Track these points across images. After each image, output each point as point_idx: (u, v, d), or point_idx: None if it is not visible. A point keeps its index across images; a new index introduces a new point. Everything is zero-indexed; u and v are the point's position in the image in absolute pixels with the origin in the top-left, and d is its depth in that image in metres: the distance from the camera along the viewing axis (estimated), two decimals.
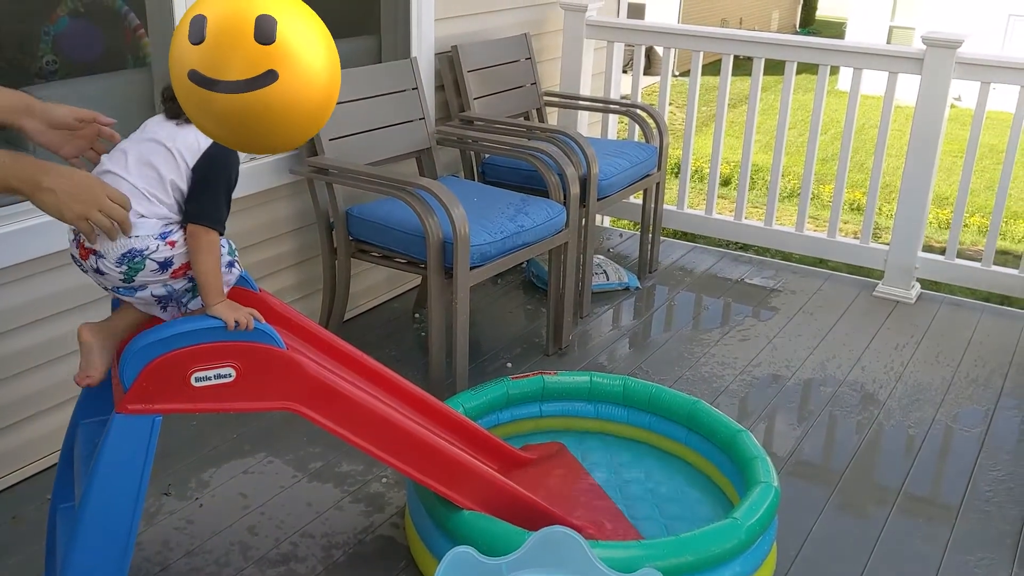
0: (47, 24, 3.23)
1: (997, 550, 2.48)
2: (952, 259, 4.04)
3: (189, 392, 1.80)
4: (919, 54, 3.78)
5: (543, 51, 4.35)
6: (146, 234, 1.81)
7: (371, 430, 1.99)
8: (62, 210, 1.66)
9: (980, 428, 3.06)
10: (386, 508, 2.56)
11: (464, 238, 2.83)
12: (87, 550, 1.79)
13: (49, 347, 2.60)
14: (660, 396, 2.67)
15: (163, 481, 2.60)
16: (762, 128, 12.32)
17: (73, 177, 1.68)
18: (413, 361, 3.36)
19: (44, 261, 2.52)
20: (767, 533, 2.21)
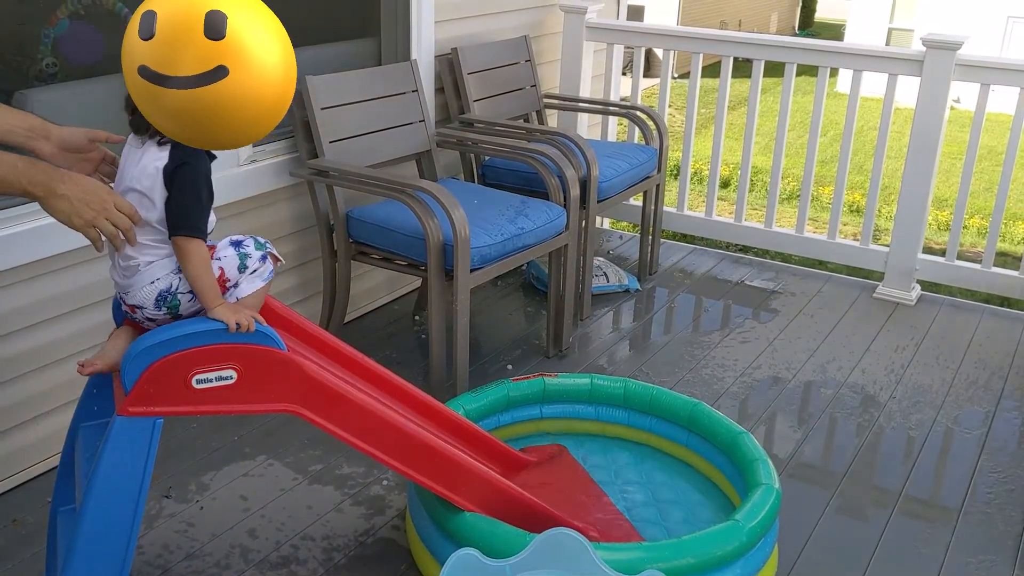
0: (47, 27, 3.23)
1: (998, 552, 2.48)
2: (952, 261, 4.04)
3: (190, 394, 1.79)
4: (919, 56, 3.78)
5: (543, 53, 4.35)
6: (164, 274, 1.82)
7: (372, 432, 1.99)
8: (72, 216, 1.68)
9: (981, 430, 3.06)
10: (387, 510, 2.55)
11: (464, 240, 2.83)
12: (88, 553, 1.79)
13: (50, 350, 2.60)
14: (661, 398, 2.66)
15: (163, 484, 2.60)
16: (761, 130, 12.32)
17: (85, 184, 1.70)
18: (413, 363, 3.35)
19: (44, 264, 2.52)
20: (768, 535, 2.21)
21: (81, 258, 2.57)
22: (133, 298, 1.84)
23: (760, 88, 4.22)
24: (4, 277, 2.45)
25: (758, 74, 4.20)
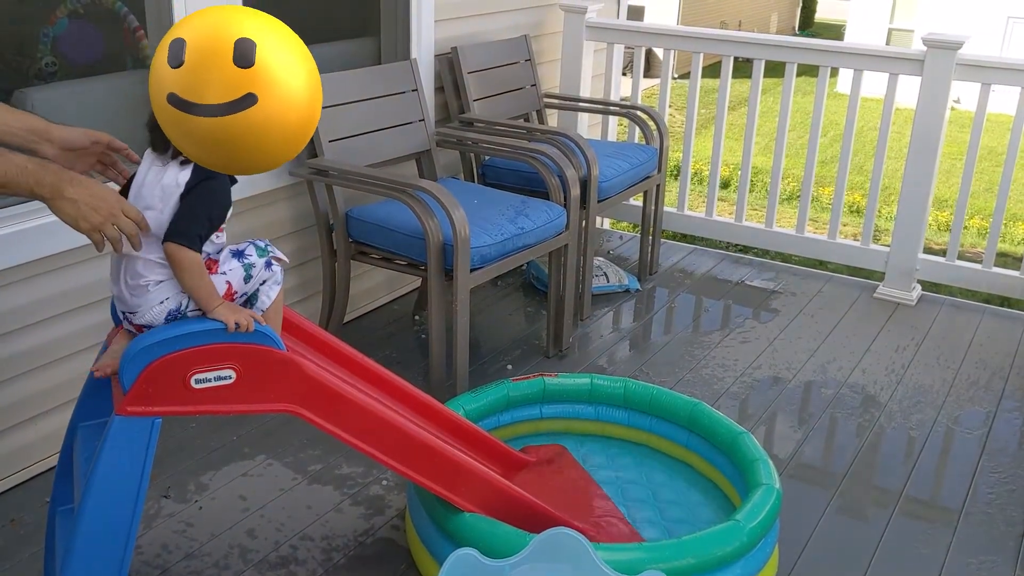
0: (46, 26, 3.23)
1: (999, 553, 2.47)
2: (953, 261, 4.04)
3: (189, 394, 1.79)
4: (920, 55, 3.77)
5: (543, 53, 4.34)
6: (173, 293, 1.81)
7: (371, 432, 1.98)
8: (79, 220, 1.67)
9: (981, 430, 3.05)
10: (386, 510, 2.55)
11: (464, 240, 2.82)
12: (87, 553, 1.78)
13: (48, 349, 2.59)
14: (661, 398, 2.66)
15: (162, 484, 2.60)
16: (761, 130, 12.31)
17: (93, 188, 1.69)
18: (413, 363, 3.35)
19: (43, 263, 2.51)
20: (769, 535, 2.20)
21: (80, 257, 2.57)
22: (141, 318, 1.81)
23: (760, 88, 4.22)
24: (2, 277, 2.44)
25: (758, 74, 4.19)
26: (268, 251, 1.92)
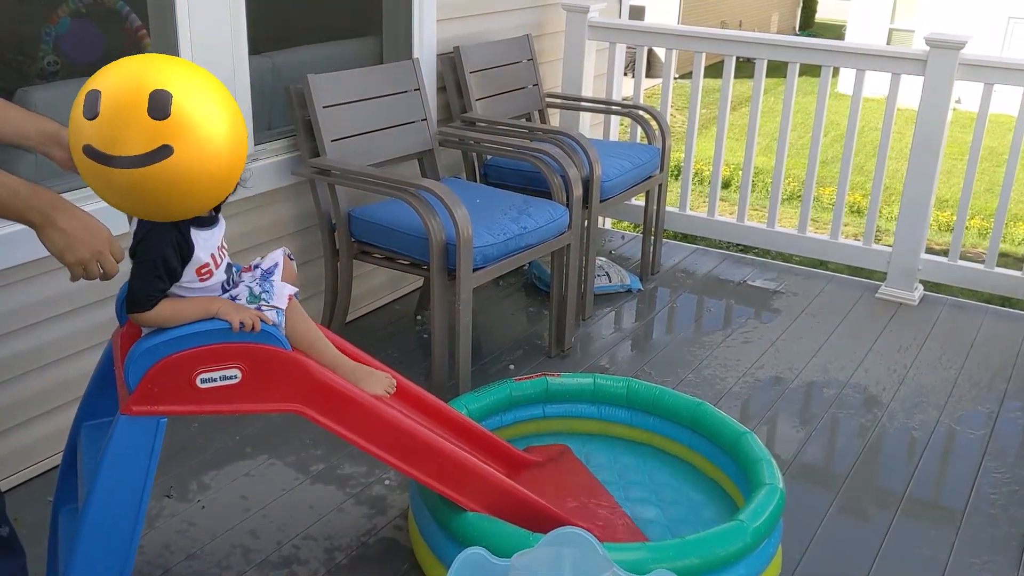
0: (48, 25, 3.23)
1: (1003, 553, 2.47)
2: (955, 261, 4.04)
3: (194, 393, 1.78)
4: (922, 55, 3.77)
5: (545, 52, 4.34)
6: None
7: (376, 432, 1.98)
8: (65, 252, 1.65)
9: (984, 431, 3.05)
10: (389, 510, 2.55)
11: (467, 239, 2.82)
12: (90, 552, 1.78)
13: (50, 349, 2.59)
14: (664, 398, 2.66)
15: (164, 483, 2.59)
16: (763, 130, 12.31)
17: (85, 221, 1.68)
18: (415, 363, 3.35)
19: (44, 263, 2.49)
20: (772, 535, 2.20)
21: None
22: None
23: (762, 88, 4.22)
24: (3, 276, 2.44)
25: (760, 74, 4.19)
26: (260, 299, 1.85)
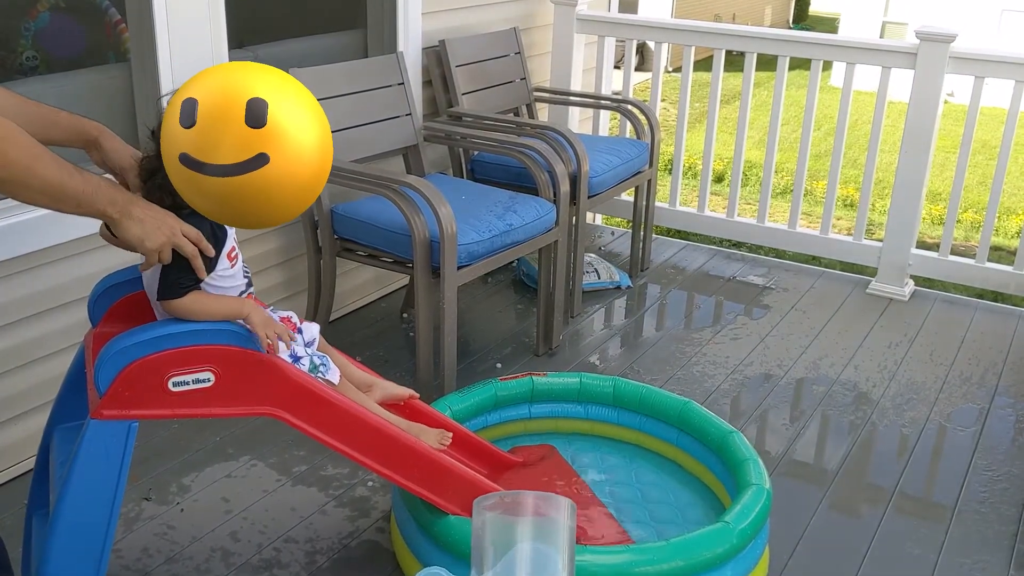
0: (27, 20, 3.18)
1: (994, 551, 2.45)
2: (946, 256, 4.01)
3: (167, 397, 1.75)
4: (913, 48, 3.74)
5: (533, 46, 4.30)
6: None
7: (354, 435, 1.95)
8: (144, 240, 1.68)
9: (974, 427, 3.02)
10: (371, 513, 2.51)
11: (451, 237, 2.78)
12: (61, 558, 1.74)
13: (26, 349, 2.55)
14: (651, 397, 2.62)
15: (143, 486, 2.56)
16: (754, 124, 12.29)
17: (155, 210, 1.71)
18: (401, 362, 3.31)
19: (21, 261, 2.47)
20: (759, 536, 2.17)
21: (57, 256, 2.53)
22: None
23: (753, 82, 4.18)
24: None
25: (751, 67, 4.16)
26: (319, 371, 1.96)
